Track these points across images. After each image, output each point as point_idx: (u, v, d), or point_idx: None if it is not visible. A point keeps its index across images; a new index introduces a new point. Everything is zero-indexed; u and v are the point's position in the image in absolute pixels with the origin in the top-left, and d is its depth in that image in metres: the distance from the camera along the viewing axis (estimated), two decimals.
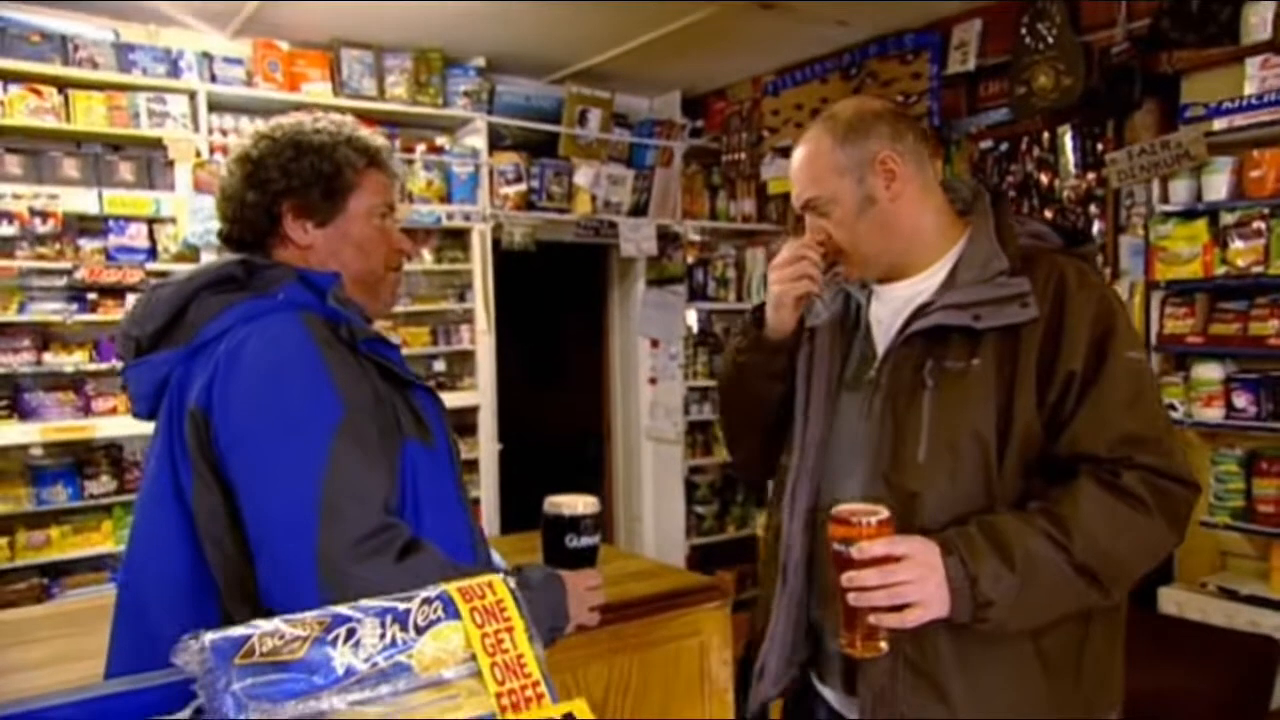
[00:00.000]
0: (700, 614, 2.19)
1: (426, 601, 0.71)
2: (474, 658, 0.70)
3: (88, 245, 3.23)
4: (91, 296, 3.22)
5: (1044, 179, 3.35)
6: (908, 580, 1.12)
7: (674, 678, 2.15)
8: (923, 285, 1.36)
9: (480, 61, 4.02)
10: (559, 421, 5.52)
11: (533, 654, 0.73)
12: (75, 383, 3.29)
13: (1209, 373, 2.64)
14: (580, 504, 1.29)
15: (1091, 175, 3.21)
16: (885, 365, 1.33)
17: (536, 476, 5.02)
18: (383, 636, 0.68)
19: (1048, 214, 3.30)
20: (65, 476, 3.25)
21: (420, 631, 0.69)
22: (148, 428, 1.22)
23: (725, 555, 4.65)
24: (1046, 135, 3.34)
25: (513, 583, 0.76)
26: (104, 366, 3.28)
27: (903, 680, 1.22)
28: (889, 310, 1.39)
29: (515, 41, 3.87)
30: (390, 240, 1.30)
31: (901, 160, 1.32)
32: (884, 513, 1.14)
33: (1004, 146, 3.47)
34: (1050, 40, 3.20)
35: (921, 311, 1.30)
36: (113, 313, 3.23)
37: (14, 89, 3.08)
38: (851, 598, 1.13)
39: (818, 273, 1.39)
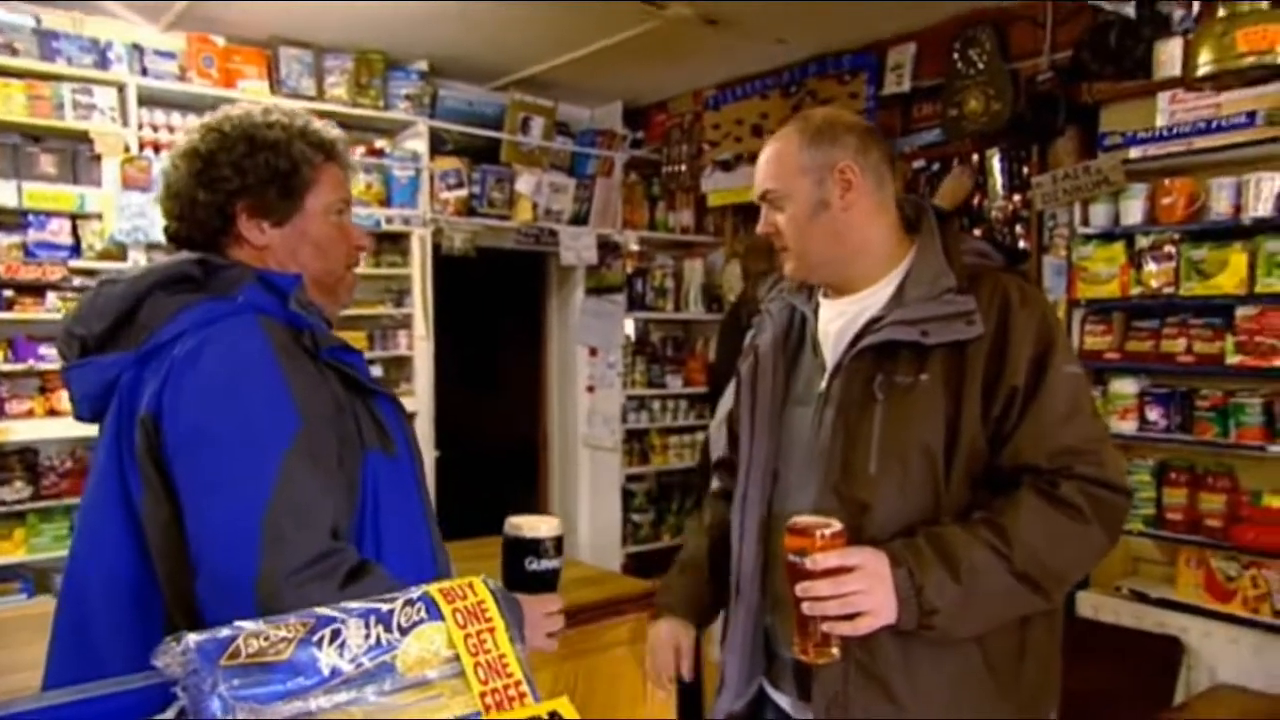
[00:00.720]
0: (642, 621, 2.21)
1: (409, 603, 0.71)
2: (457, 658, 0.71)
3: (4, 240, 3.09)
4: (8, 294, 3.06)
5: (973, 199, 3.49)
6: (858, 590, 1.17)
7: (618, 684, 2.17)
8: (870, 300, 1.40)
9: (423, 65, 3.99)
10: (496, 429, 5.47)
11: (514, 654, 0.74)
12: None
13: (1125, 387, 2.79)
14: (542, 525, 1.25)
15: (1018, 197, 3.36)
16: (835, 379, 1.36)
17: (474, 484, 4.99)
18: (367, 637, 0.68)
19: (976, 233, 3.43)
20: None
21: (404, 632, 0.69)
22: (65, 432, 1.17)
23: (661, 563, 4.65)
24: (976, 157, 3.48)
25: (493, 583, 0.77)
26: (19, 367, 3.12)
27: (854, 683, 1.26)
28: (837, 325, 1.42)
29: (459, 46, 3.85)
30: (348, 237, 1.25)
31: (860, 174, 1.37)
32: (837, 525, 1.18)
33: (936, 166, 3.60)
34: (980, 66, 3.34)
35: (871, 326, 1.34)
36: (30, 311, 3.09)
37: None
38: (805, 607, 1.16)
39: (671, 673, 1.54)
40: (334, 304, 1.26)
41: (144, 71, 3.37)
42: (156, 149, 3.32)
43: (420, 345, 4.01)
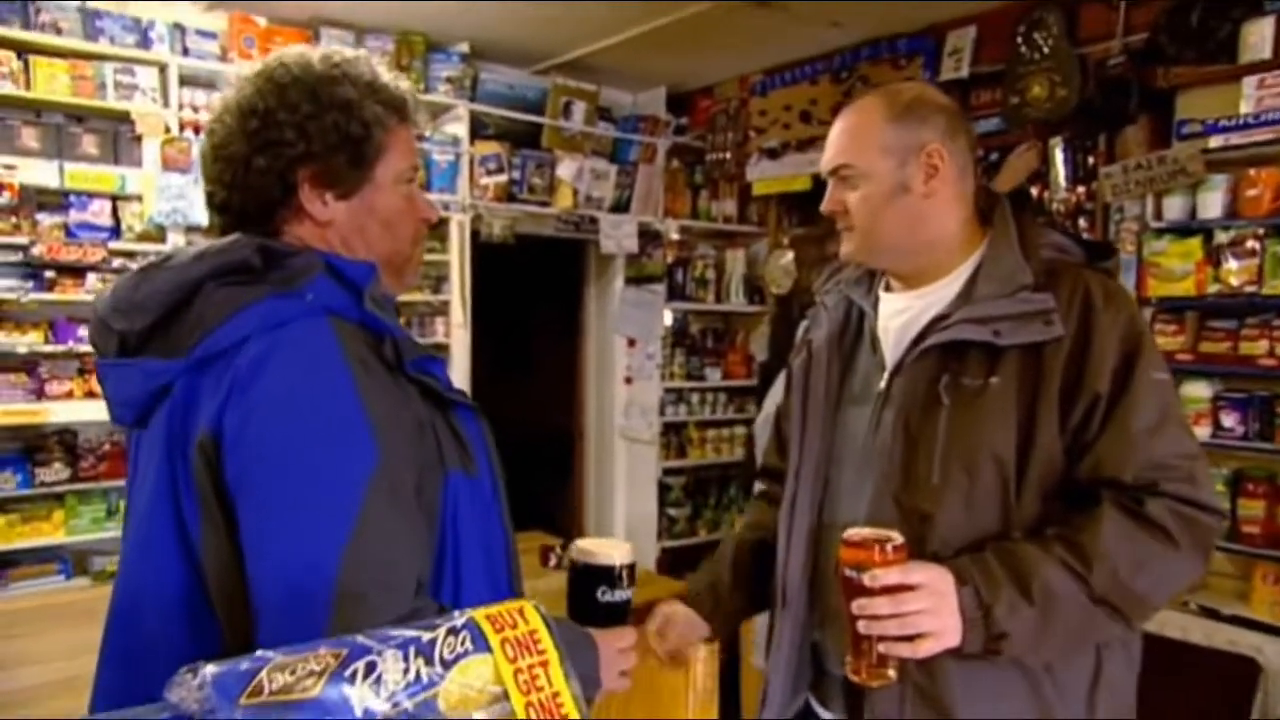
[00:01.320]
0: None
1: (452, 631, 0.62)
2: (505, 695, 0.62)
3: (46, 220, 3.07)
4: (49, 274, 3.05)
5: (1034, 191, 3.34)
6: (921, 610, 1.08)
7: (655, 694, 2.08)
8: (936, 296, 1.30)
9: (464, 47, 3.91)
10: (532, 418, 5.42)
11: (569, 692, 0.65)
12: (28, 365, 3.12)
13: (1197, 391, 2.64)
14: (616, 552, 1.14)
15: (1081, 189, 3.20)
16: (897, 378, 1.27)
17: (508, 474, 4.92)
18: (406, 671, 0.60)
19: None
20: (15, 463, 3.08)
21: (446, 666, 0.61)
22: (104, 414, 1.03)
23: (697, 558, 4.59)
24: (1038, 146, 3.33)
25: (544, 609, 0.68)
26: (60, 349, 3.11)
27: (911, 708, 1.17)
28: (899, 321, 1.33)
29: (501, 29, 3.77)
30: (416, 210, 1.10)
31: (947, 159, 1.27)
32: (898, 539, 1.09)
33: (995, 156, 3.45)
34: (1046, 50, 3.18)
35: (938, 323, 1.25)
36: (71, 292, 3.07)
37: None
38: (862, 626, 1.09)
39: None
40: (400, 286, 1.12)
41: (185, 51, 3.33)
42: (197, 130, 3.28)
43: (458, 333, 3.95)
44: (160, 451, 0.94)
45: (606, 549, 1.14)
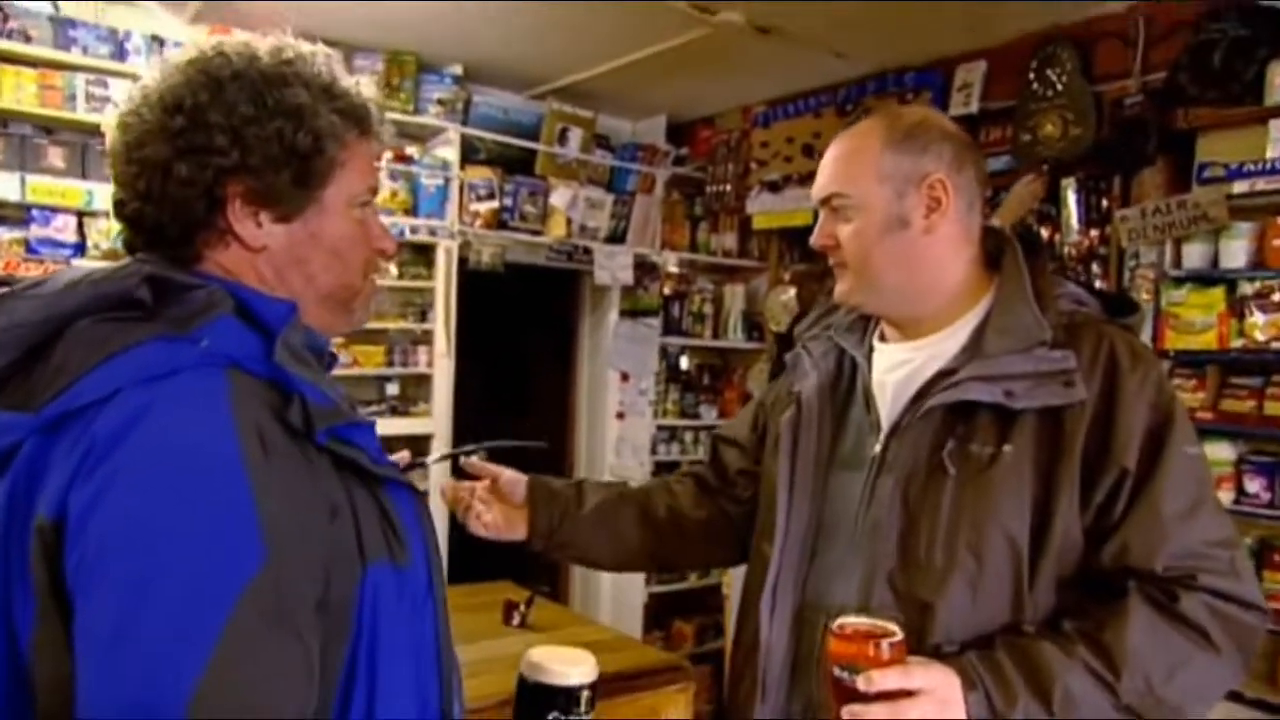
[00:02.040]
0: (661, 697, 1.95)
1: None
2: None
3: (6, 235, 2.93)
4: (5, 291, 2.90)
5: (1044, 232, 3.19)
6: None
7: None
8: (939, 348, 1.16)
9: (457, 69, 3.79)
10: (520, 454, 5.24)
11: None
12: None
13: (1219, 452, 2.46)
14: (575, 669, 0.95)
15: (1095, 232, 3.05)
16: (894, 441, 1.13)
17: None
18: None
19: None
20: None
21: None
22: None
23: (685, 605, 4.40)
24: (1049, 187, 3.18)
25: None
26: None
27: None
28: (898, 375, 1.18)
29: (495, 51, 3.65)
30: (370, 238, 0.93)
31: (953, 192, 1.12)
32: (897, 634, 0.95)
33: (1004, 195, 3.30)
34: (1060, 87, 3.04)
35: (941, 380, 1.11)
36: None
37: None
38: None
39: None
40: (346, 324, 0.95)
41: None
42: None
43: (441, 363, 3.79)
44: None
45: (563, 663, 0.95)
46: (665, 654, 2.15)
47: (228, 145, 0.82)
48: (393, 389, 3.77)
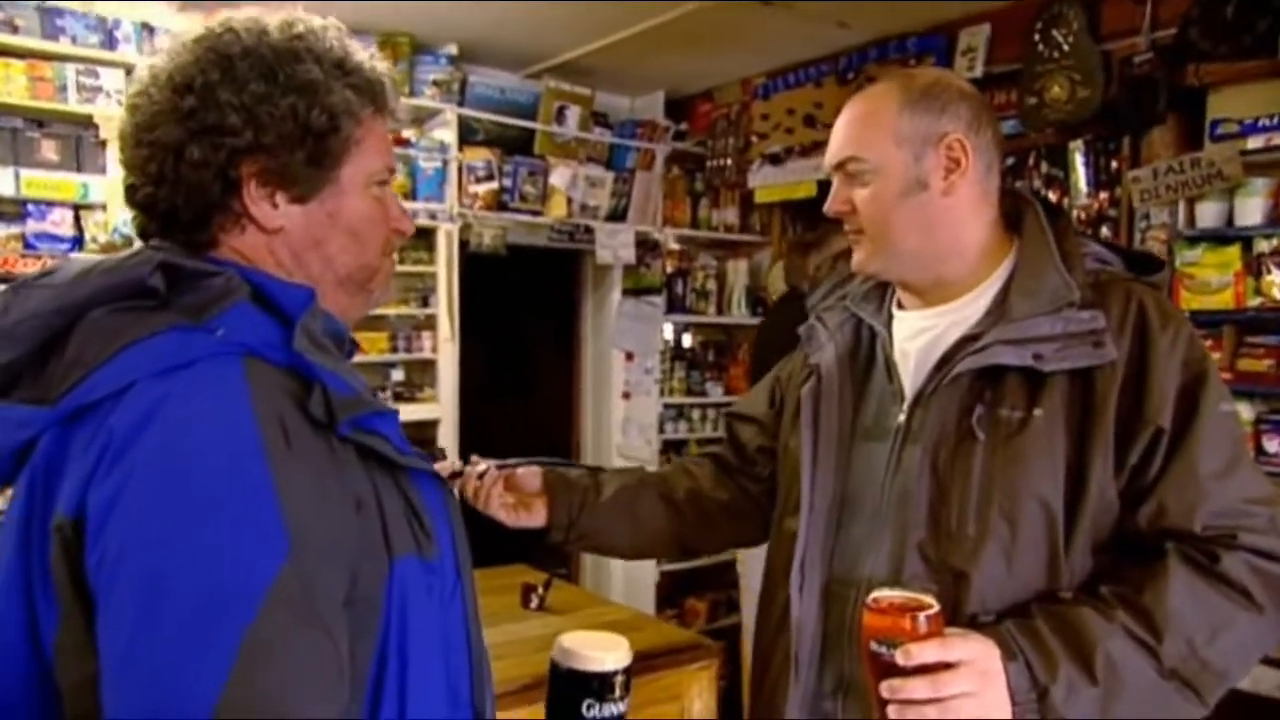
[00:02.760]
0: (682, 675, 1.93)
1: None
2: None
3: (3, 231, 2.89)
4: (3, 288, 2.86)
5: (1052, 196, 3.15)
6: (964, 693, 0.91)
7: None
8: (961, 313, 1.13)
9: (453, 49, 3.73)
10: (526, 436, 5.22)
11: None
12: None
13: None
14: (609, 654, 0.90)
15: (1104, 195, 3.01)
16: (918, 410, 1.10)
17: None
18: None
19: None
20: None
21: None
22: None
23: (698, 582, 4.40)
24: (1057, 151, 3.13)
25: None
26: None
27: None
28: (920, 342, 1.16)
29: (491, 29, 3.59)
30: (389, 217, 0.91)
31: (972, 153, 1.09)
32: (934, 606, 0.92)
33: (1012, 160, 3.26)
34: (1066, 48, 3.00)
35: (967, 345, 1.08)
36: None
37: None
38: (893, 711, 0.91)
39: None
40: (366, 305, 0.93)
41: (153, 52, 3.15)
42: None
43: (445, 347, 3.76)
44: (17, 520, 0.73)
45: (596, 648, 0.91)
46: (686, 632, 2.12)
47: (240, 125, 0.79)
48: (398, 375, 3.75)
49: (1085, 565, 1.03)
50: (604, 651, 0.90)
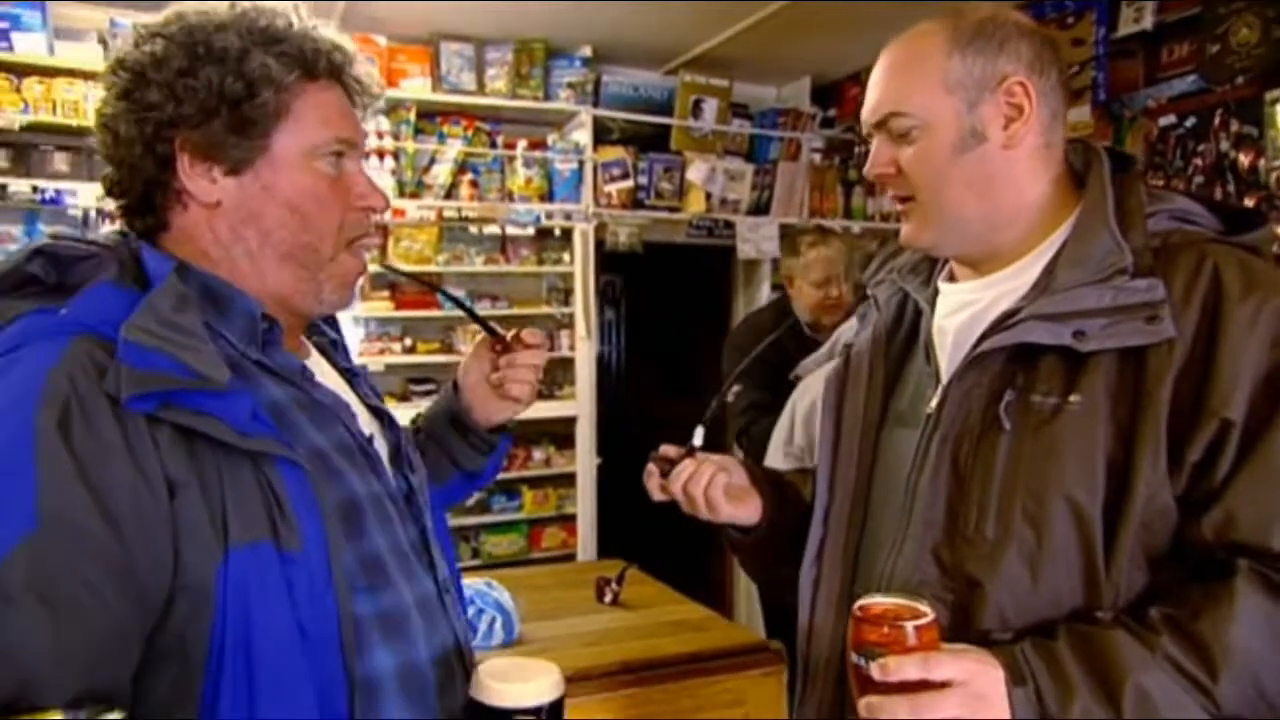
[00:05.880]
0: (746, 680, 1.83)
1: None
2: None
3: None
4: None
5: (1244, 159, 2.69)
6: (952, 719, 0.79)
7: None
8: (1008, 285, 0.99)
9: (586, 51, 3.80)
10: (684, 431, 5.20)
11: None
12: None
13: None
14: (531, 687, 0.80)
15: None
16: (948, 395, 0.97)
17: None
18: None
19: (1249, 203, 2.64)
20: None
21: None
22: None
23: None
24: (1248, 105, 2.67)
25: None
26: None
27: None
28: (959, 319, 1.02)
29: (623, 28, 3.61)
30: (348, 194, 0.90)
31: (1036, 96, 0.94)
32: (927, 615, 0.81)
33: (1191, 122, 2.82)
34: None
35: (1003, 322, 0.93)
36: None
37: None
38: None
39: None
40: (314, 290, 0.91)
41: None
42: None
43: (582, 346, 3.82)
44: None
45: (519, 678, 0.81)
46: (752, 635, 2.01)
47: (162, 99, 0.83)
48: None
49: (1135, 582, 0.86)
50: (528, 681, 0.81)
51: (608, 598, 2.08)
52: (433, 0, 3.30)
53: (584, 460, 3.84)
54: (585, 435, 3.83)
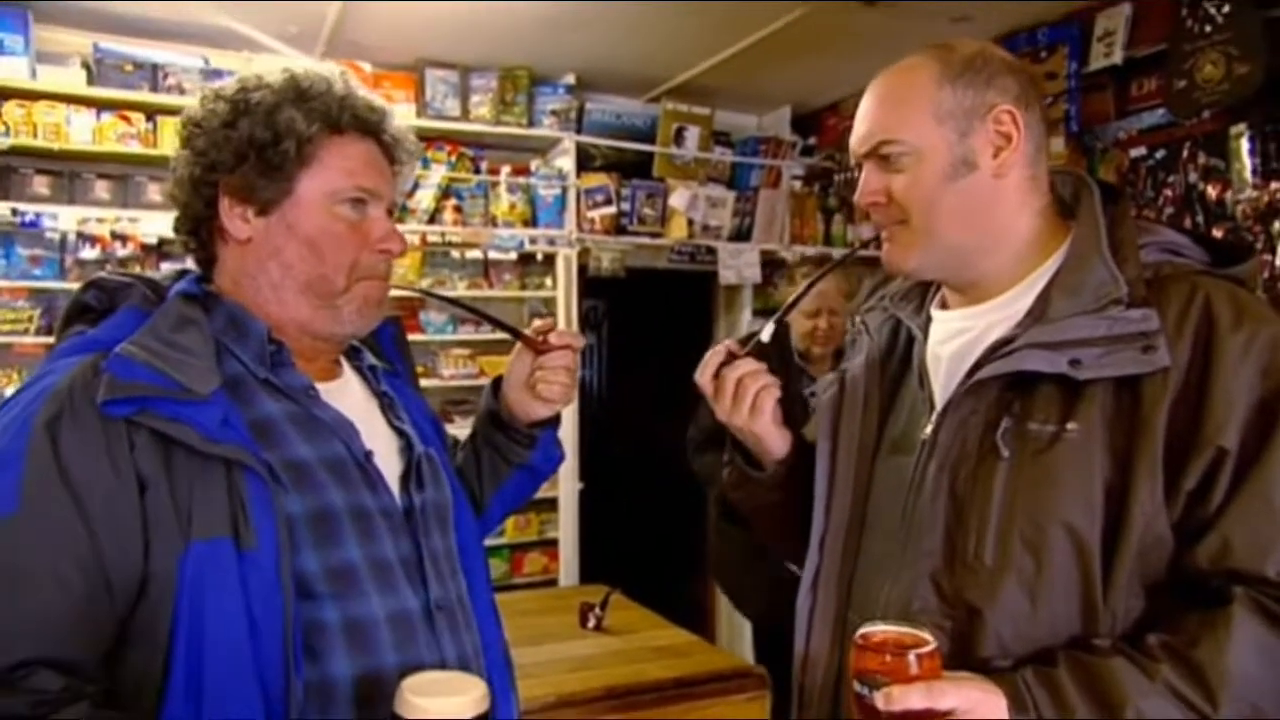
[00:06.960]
0: (730, 705, 1.83)
1: None
2: None
3: (167, 268, 3.26)
4: None
5: (1211, 191, 2.77)
6: None
7: None
8: (1001, 314, 1.01)
9: (570, 79, 3.84)
10: (660, 462, 5.21)
11: None
12: None
13: None
14: (453, 702, 0.79)
15: (1275, 185, 2.61)
16: (944, 422, 0.99)
17: (632, 519, 4.75)
18: None
19: (1216, 233, 2.71)
20: None
21: None
22: None
23: None
24: (1215, 138, 2.75)
25: None
26: None
27: None
28: (953, 346, 1.04)
29: (606, 57, 3.66)
30: (366, 238, 1.01)
31: (1023, 128, 0.97)
32: (929, 643, 0.82)
33: (1160, 154, 2.90)
34: (1220, 19, 2.63)
35: (998, 350, 0.95)
36: None
37: (106, 117, 3.15)
38: None
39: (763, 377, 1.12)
40: (331, 318, 1.01)
41: None
42: None
43: None
44: None
45: (441, 692, 0.80)
46: (736, 660, 2.01)
47: (207, 146, 0.98)
48: None
49: (1133, 609, 0.88)
50: (451, 696, 0.79)
51: (591, 623, 2.07)
52: (418, 28, 3.33)
53: (566, 485, 3.84)
54: (567, 460, 3.82)
